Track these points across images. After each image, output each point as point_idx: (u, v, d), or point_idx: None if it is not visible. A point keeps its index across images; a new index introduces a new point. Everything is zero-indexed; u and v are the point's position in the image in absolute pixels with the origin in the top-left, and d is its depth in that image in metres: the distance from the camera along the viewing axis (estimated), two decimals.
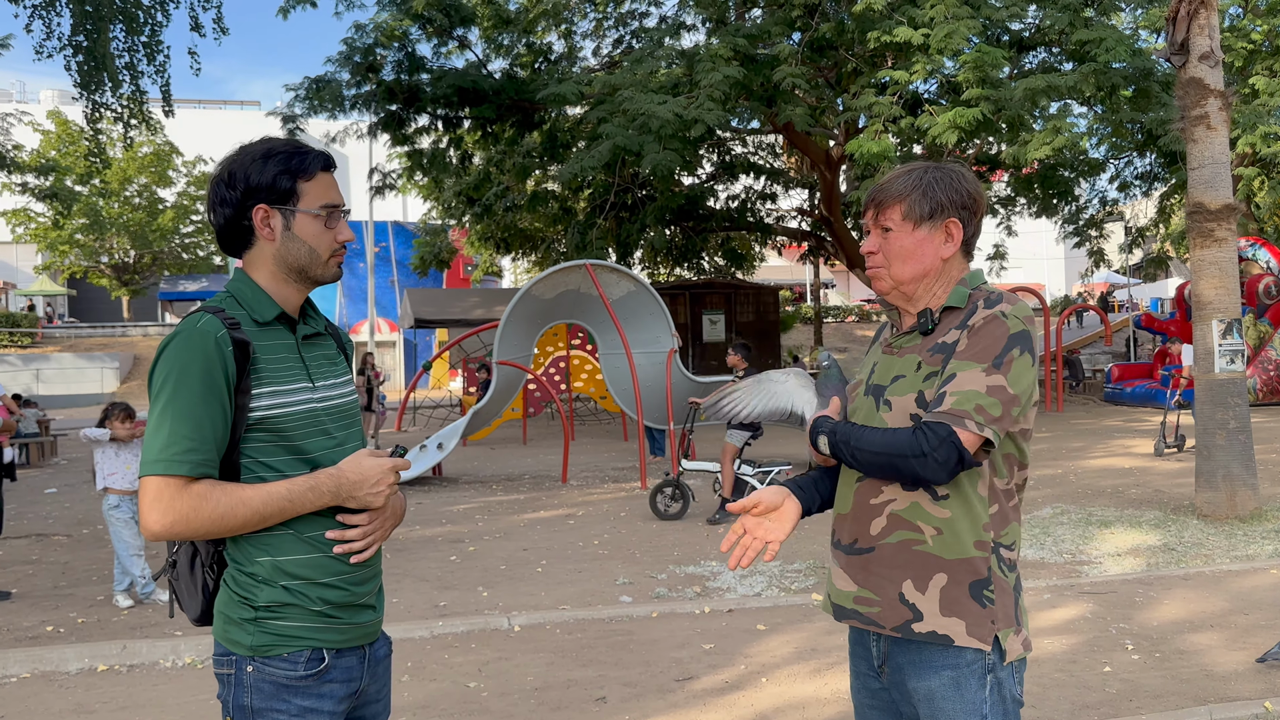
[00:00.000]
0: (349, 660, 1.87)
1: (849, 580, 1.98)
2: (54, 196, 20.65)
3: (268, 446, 1.80)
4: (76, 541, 8.32)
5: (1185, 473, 10.12)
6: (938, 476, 1.81)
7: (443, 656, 5.01)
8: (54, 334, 34.80)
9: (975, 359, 1.84)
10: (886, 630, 1.92)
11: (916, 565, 1.89)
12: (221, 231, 1.87)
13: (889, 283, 1.99)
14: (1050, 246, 41.22)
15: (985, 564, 1.89)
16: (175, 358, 1.73)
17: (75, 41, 12.92)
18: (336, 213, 1.89)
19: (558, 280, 11.74)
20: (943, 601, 1.87)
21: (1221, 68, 8.16)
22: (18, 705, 4.51)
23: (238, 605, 1.81)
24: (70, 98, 18.17)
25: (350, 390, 1.97)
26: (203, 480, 1.72)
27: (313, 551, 1.82)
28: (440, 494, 10.62)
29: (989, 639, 1.87)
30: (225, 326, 1.76)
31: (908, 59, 14.49)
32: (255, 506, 1.74)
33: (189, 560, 1.86)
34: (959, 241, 1.95)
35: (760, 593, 6.10)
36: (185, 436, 1.70)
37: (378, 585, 1.95)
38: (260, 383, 1.78)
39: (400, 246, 32.74)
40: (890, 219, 1.97)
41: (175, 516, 1.70)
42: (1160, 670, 4.50)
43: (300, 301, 1.91)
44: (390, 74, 18.27)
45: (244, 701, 1.79)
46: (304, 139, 17.16)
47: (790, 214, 24.75)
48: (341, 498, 1.80)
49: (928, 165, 1.99)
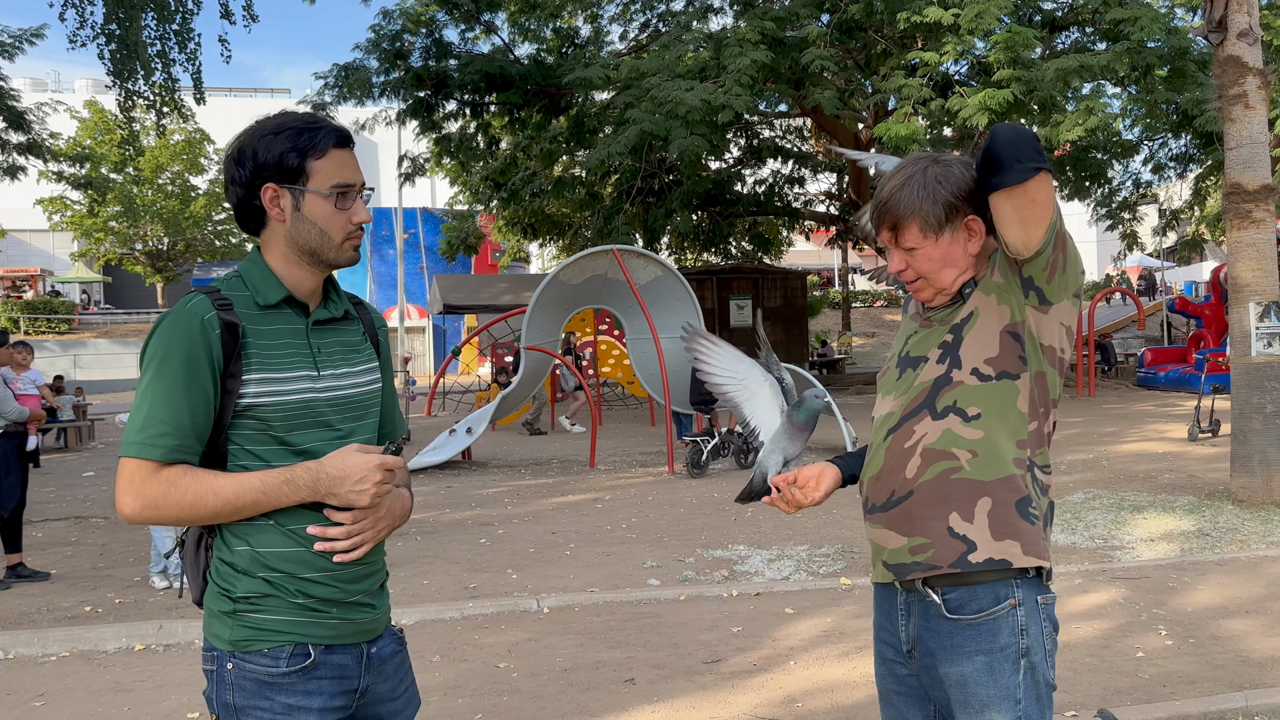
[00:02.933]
0: (341, 658, 1.74)
1: (896, 536, 1.93)
2: (89, 185, 20.91)
3: (255, 435, 1.70)
4: (114, 524, 8.46)
5: (1220, 458, 9.98)
6: (1027, 160, 1.71)
7: (473, 637, 5.06)
8: (90, 320, 35.32)
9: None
10: (944, 568, 1.86)
11: (959, 494, 1.86)
12: (237, 211, 1.78)
13: (931, 291, 1.95)
14: (1082, 229, 40.67)
15: (1024, 480, 1.87)
16: (160, 339, 1.67)
17: (108, 30, 13.06)
18: (351, 193, 1.76)
19: (585, 265, 11.75)
20: (992, 525, 1.84)
21: (1260, 46, 8.00)
22: (58, 683, 4.61)
23: (217, 596, 1.72)
24: (104, 86, 18.38)
25: (371, 380, 1.84)
26: (176, 465, 1.64)
27: (294, 545, 1.71)
28: (469, 478, 10.69)
29: (1046, 555, 1.86)
30: (215, 307, 1.68)
31: (938, 40, 14.33)
32: (226, 497, 1.65)
33: (195, 541, 1.77)
34: (983, 235, 1.91)
35: (788, 576, 6.10)
36: (161, 420, 1.63)
37: (377, 583, 1.82)
38: (250, 368, 1.69)
39: (429, 233, 32.88)
40: (910, 239, 1.90)
41: (144, 501, 1.64)
42: (1194, 656, 4.46)
43: (315, 285, 1.79)
44: (418, 60, 18.33)
45: (226, 699, 1.71)
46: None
47: (818, 198, 24.59)
48: (320, 494, 1.68)
49: (924, 163, 1.91)
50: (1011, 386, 1.86)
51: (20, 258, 42.09)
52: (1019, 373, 1.86)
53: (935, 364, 1.90)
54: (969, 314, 1.88)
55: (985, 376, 1.86)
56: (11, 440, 6.71)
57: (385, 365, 1.92)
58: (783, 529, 7.48)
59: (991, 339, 1.86)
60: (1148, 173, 23.51)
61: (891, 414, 1.96)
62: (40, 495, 9.50)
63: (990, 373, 1.86)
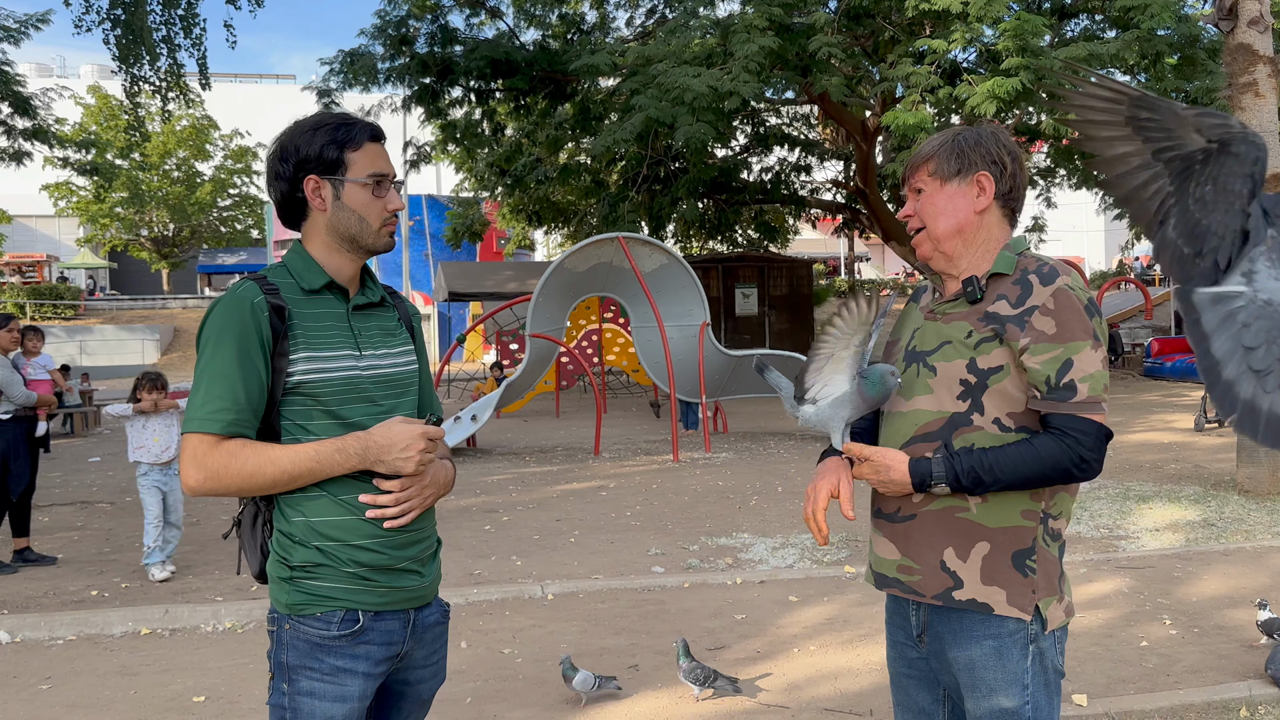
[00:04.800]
0: (389, 623, 1.87)
1: (892, 549, 1.97)
2: (95, 170, 20.91)
3: (306, 410, 1.83)
4: (119, 509, 8.50)
5: (1226, 448, 9.96)
6: (1096, 473, 1.83)
7: (477, 623, 5.07)
8: (96, 306, 35.38)
9: (1078, 336, 1.80)
10: (927, 598, 1.91)
11: (959, 533, 1.88)
12: (280, 206, 1.93)
13: (929, 245, 1.97)
14: (1090, 219, 40.52)
15: (1031, 534, 1.87)
16: (214, 322, 1.81)
17: (113, 15, 13.03)
18: (386, 181, 1.91)
19: (590, 253, 11.73)
20: (984, 570, 1.86)
21: (1271, 34, 7.94)
22: (65, 666, 4.63)
23: (277, 564, 1.86)
24: (109, 72, 18.36)
25: (408, 361, 1.98)
26: (234, 439, 1.78)
27: (346, 514, 1.83)
28: (474, 465, 10.71)
29: (1029, 608, 1.85)
30: (263, 292, 1.82)
31: (946, 27, 14.23)
32: (283, 466, 1.78)
33: (252, 518, 1.91)
34: (991, 194, 1.92)
35: (792, 564, 6.10)
36: (219, 396, 1.77)
37: (427, 550, 1.95)
38: (297, 347, 1.82)
39: (434, 220, 32.86)
40: (921, 179, 1.97)
41: (207, 473, 1.77)
42: (1199, 645, 4.45)
43: (354, 271, 1.94)
44: (423, 46, 18.25)
45: (282, 658, 1.84)
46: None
47: (825, 186, 24.50)
48: (369, 461, 1.80)
49: (963, 127, 1.98)
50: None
51: (26, 243, 42.19)
52: (1039, 429, 1.86)
53: (956, 398, 1.88)
54: (999, 365, 1.85)
55: (1006, 428, 1.86)
56: (20, 425, 6.72)
57: (420, 350, 2.06)
58: (786, 518, 7.48)
59: (1018, 396, 1.86)
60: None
61: (905, 420, 1.95)
62: (47, 480, 9.53)
63: (1011, 425, 1.86)
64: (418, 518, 1.90)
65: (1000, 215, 1.96)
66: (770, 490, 8.67)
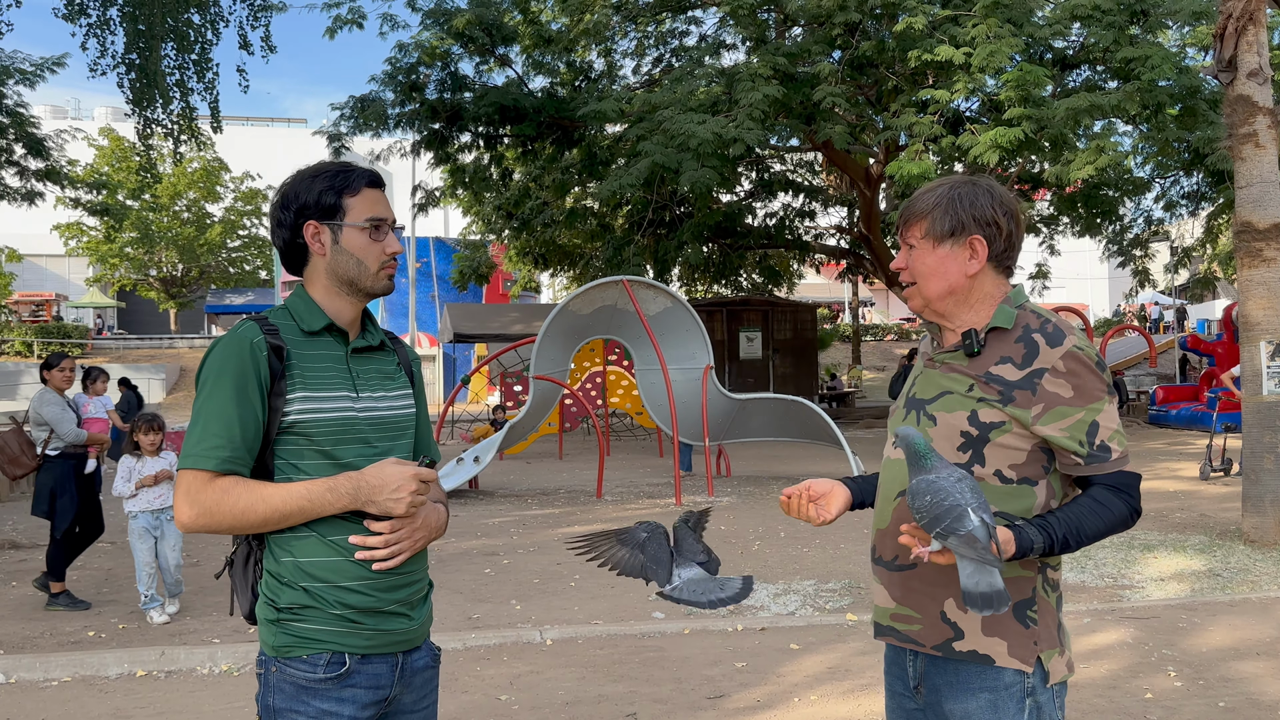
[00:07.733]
0: (377, 667, 1.86)
1: (888, 597, 1.96)
2: (106, 211, 21.12)
3: (300, 449, 1.84)
4: (120, 548, 8.46)
5: (1232, 497, 9.89)
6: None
7: (475, 668, 5.02)
8: (104, 345, 35.53)
9: (1096, 397, 1.85)
10: (926, 649, 1.89)
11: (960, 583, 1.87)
12: (283, 252, 1.96)
13: (920, 300, 1.98)
14: (1094, 266, 40.62)
15: (1031, 584, 1.86)
16: (214, 361, 1.84)
17: (128, 59, 13.26)
18: (384, 226, 1.94)
19: (595, 296, 11.79)
20: (985, 621, 1.84)
21: (1270, 85, 8.03)
22: (59, 709, 4.59)
23: (265, 605, 1.86)
24: (123, 114, 18.61)
25: (405, 405, 1.99)
26: (228, 476, 1.80)
27: (335, 555, 1.83)
28: (476, 507, 10.66)
29: (1031, 660, 1.84)
30: (263, 332, 1.85)
31: (949, 77, 14.41)
32: (275, 504, 1.79)
33: (244, 558, 1.91)
34: (984, 258, 1.92)
35: (794, 611, 6.05)
36: (215, 434, 1.79)
37: (417, 594, 1.93)
38: (294, 387, 1.84)
39: (441, 262, 33.06)
40: (914, 236, 1.96)
41: (200, 509, 1.78)
42: (1204, 698, 4.39)
43: (354, 315, 1.96)
44: (433, 93, 18.50)
45: (268, 701, 1.84)
46: (348, 157, 17.46)
47: (829, 231, 24.65)
48: (360, 501, 1.80)
49: (958, 180, 1.97)
50: (1030, 491, 1.88)
51: (36, 282, 42.51)
52: (1039, 479, 1.88)
53: (956, 449, 1.88)
54: (1001, 421, 1.86)
55: (1008, 480, 1.87)
56: (69, 461, 6.72)
57: (419, 395, 2.08)
58: (789, 564, 7.43)
59: (1021, 451, 1.88)
60: (1159, 210, 23.50)
61: (902, 468, 1.94)
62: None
63: (1013, 477, 1.88)
64: (408, 560, 1.89)
65: (994, 273, 1.96)
66: (773, 535, 8.62)
